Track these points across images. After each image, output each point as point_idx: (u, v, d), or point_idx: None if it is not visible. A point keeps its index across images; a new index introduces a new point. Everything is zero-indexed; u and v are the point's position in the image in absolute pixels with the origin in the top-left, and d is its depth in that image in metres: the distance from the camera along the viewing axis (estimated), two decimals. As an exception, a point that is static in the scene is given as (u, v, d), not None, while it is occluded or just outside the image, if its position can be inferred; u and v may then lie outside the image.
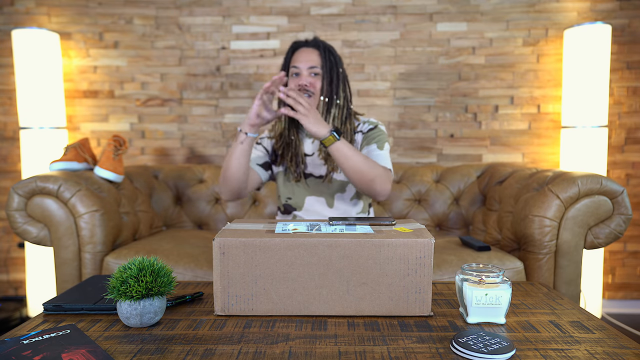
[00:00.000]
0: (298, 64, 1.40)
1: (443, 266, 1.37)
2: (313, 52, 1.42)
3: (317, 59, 1.41)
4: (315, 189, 1.46)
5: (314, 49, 1.42)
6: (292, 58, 1.43)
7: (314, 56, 1.41)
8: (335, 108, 1.42)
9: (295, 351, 0.71)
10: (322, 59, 1.41)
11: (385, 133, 1.48)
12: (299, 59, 1.41)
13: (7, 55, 2.21)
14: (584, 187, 1.37)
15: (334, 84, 1.42)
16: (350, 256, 0.83)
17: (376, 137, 1.45)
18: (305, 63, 1.40)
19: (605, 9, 2.13)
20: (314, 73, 1.40)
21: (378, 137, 1.45)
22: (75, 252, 1.47)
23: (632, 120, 2.17)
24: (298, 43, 1.46)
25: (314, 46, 1.43)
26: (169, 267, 1.36)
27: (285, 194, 1.49)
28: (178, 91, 2.23)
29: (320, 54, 1.41)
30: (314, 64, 1.40)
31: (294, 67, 1.41)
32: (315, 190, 1.46)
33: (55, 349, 0.68)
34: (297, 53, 1.43)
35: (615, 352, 0.71)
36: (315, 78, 1.40)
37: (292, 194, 1.48)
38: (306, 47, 1.44)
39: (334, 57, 1.43)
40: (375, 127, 1.48)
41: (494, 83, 2.19)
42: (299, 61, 1.41)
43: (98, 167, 1.62)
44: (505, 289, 0.81)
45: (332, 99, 1.42)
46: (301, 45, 1.45)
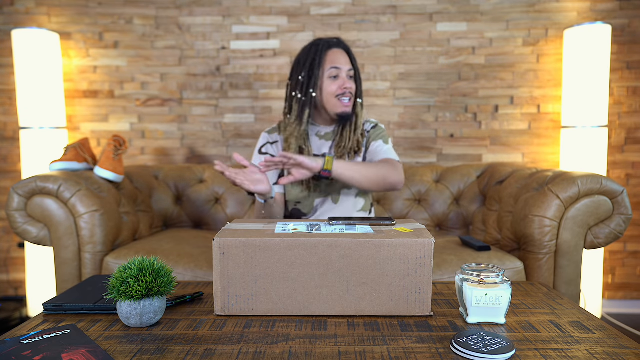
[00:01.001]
0: (339, 65, 1.38)
1: (443, 266, 1.37)
2: (345, 55, 1.41)
3: (349, 62, 1.41)
4: (323, 190, 1.44)
5: (345, 51, 1.41)
6: (327, 58, 1.39)
7: (347, 59, 1.41)
8: (361, 109, 1.46)
9: (295, 351, 0.71)
10: (351, 61, 1.42)
11: (384, 130, 1.51)
12: (337, 60, 1.39)
13: (7, 55, 2.21)
14: (584, 187, 1.37)
15: (360, 86, 1.45)
16: (350, 256, 0.83)
17: (380, 133, 1.48)
18: (345, 65, 1.39)
19: (605, 9, 2.13)
20: (350, 76, 1.41)
21: (381, 133, 1.48)
22: (75, 252, 1.47)
23: (632, 120, 2.17)
24: (331, 43, 1.41)
25: (345, 49, 1.42)
26: (169, 267, 1.36)
27: (294, 199, 1.46)
28: (178, 91, 2.23)
29: (351, 57, 1.42)
30: (350, 67, 1.40)
31: (334, 68, 1.38)
32: (323, 191, 1.44)
33: (55, 349, 0.68)
34: (332, 54, 1.39)
35: (615, 352, 0.71)
36: (351, 81, 1.41)
37: (300, 198, 1.45)
38: (339, 48, 1.41)
39: (355, 61, 1.44)
40: (376, 125, 1.50)
41: (494, 83, 2.19)
42: (339, 62, 1.38)
43: (98, 167, 1.62)
44: (505, 289, 0.81)
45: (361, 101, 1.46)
46: (334, 46, 1.41)
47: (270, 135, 1.51)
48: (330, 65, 1.38)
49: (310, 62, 1.39)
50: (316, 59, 1.38)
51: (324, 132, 1.47)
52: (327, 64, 1.38)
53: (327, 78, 1.39)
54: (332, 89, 1.38)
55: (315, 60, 1.38)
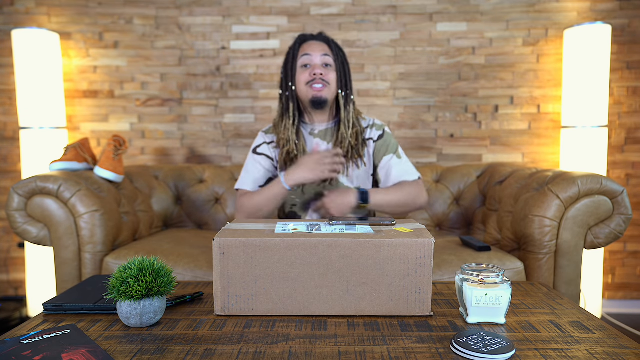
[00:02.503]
0: (310, 51, 1.35)
1: (443, 266, 1.37)
2: (323, 45, 1.37)
3: (329, 50, 1.37)
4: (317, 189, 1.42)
5: (323, 42, 1.38)
6: (300, 49, 1.38)
7: (325, 48, 1.37)
8: (352, 104, 1.40)
9: (295, 351, 0.71)
10: (332, 52, 1.37)
11: (392, 135, 1.46)
12: (309, 48, 1.36)
13: (7, 55, 2.21)
14: (584, 187, 1.37)
15: (347, 77, 1.38)
16: (350, 256, 0.83)
17: (390, 144, 1.43)
18: (318, 52, 1.35)
19: (605, 9, 2.13)
20: (326, 64, 1.36)
21: (390, 144, 1.43)
22: (75, 252, 1.47)
23: (632, 120, 2.17)
24: (305, 36, 1.40)
25: (324, 40, 1.39)
26: (169, 267, 1.36)
27: (290, 202, 1.44)
28: (178, 91, 2.23)
29: (331, 48, 1.38)
30: (326, 52, 1.36)
31: (305, 56, 1.35)
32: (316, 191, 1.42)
33: (55, 349, 0.68)
34: (306, 44, 1.38)
35: (615, 352, 0.71)
36: (328, 69, 1.36)
37: (295, 201, 1.43)
38: (315, 40, 1.39)
39: (342, 53, 1.40)
40: (384, 132, 1.45)
41: (494, 83, 2.19)
42: (310, 50, 1.35)
43: (98, 167, 1.62)
44: (505, 289, 0.81)
45: (347, 93, 1.39)
46: (309, 38, 1.40)
47: (267, 135, 1.48)
48: (302, 53, 1.36)
49: (287, 57, 1.39)
50: (291, 52, 1.38)
51: (317, 130, 1.43)
52: (301, 52, 1.37)
53: (300, 67, 1.37)
54: (304, 77, 1.36)
55: (290, 54, 1.38)
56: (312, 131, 1.43)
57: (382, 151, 1.42)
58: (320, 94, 1.35)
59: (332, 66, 1.37)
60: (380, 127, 1.45)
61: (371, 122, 1.46)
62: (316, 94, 1.35)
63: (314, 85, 1.35)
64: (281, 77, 1.41)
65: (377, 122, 1.47)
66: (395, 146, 1.44)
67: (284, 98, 1.40)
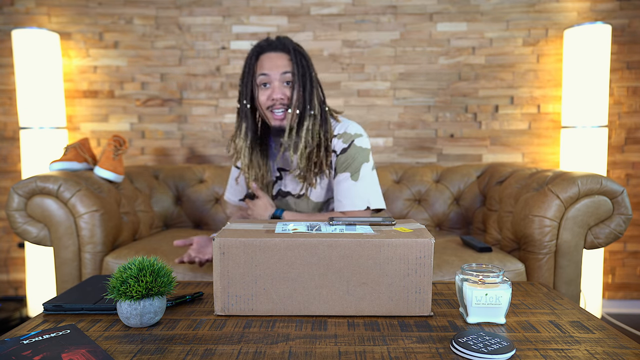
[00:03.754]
0: (268, 70, 1.22)
1: (444, 267, 1.37)
2: (282, 57, 1.24)
3: (289, 65, 1.23)
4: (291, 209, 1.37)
5: (283, 52, 1.24)
6: (259, 64, 1.25)
7: (284, 61, 1.23)
8: (309, 120, 1.24)
9: (295, 351, 0.71)
10: (294, 64, 1.23)
11: (362, 149, 1.28)
12: (267, 64, 1.23)
13: (7, 55, 2.21)
14: (584, 187, 1.37)
15: (307, 91, 1.24)
16: (350, 256, 0.83)
17: (351, 161, 1.27)
18: (276, 69, 1.22)
19: (605, 9, 2.13)
20: (287, 81, 1.24)
21: (353, 160, 1.27)
22: (75, 252, 1.47)
23: (632, 120, 2.17)
24: (262, 46, 1.26)
25: (282, 49, 1.24)
26: (169, 267, 1.36)
27: None
28: (178, 91, 2.23)
29: (291, 59, 1.23)
30: (286, 69, 1.23)
31: (262, 75, 1.23)
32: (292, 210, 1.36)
33: (55, 349, 0.68)
34: (264, 58, 1.24)
35: (615, 352, 0.71)
36: (287, 88, 1.24)
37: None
38: (273, 51, 1.24)
39: (305, 60, 1.25)
40: (350, 144, 1.27)
41: (494, 83, 2.19)
42: (268, 67, 1.23)
43: (98, 167, 1.62)
44: (505, 289, 0.81)
45: (304, 110, 1.24)
46: (266, 49, 1.25)
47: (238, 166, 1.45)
48: (259, 71, 1.24)
49: (244, 69, 1.27)
50: (247, 66, 1.26)
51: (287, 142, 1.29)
52: (258, 70, 1.25)
53: (259, 86, 1.25)
54: (262, 99, 1.25)
55: (246, 68, 1.26)
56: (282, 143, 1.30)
57: (340, 167, 1.28)
58: (281, 123, 1.26)
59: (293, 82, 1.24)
60: (349, 138, 1.28)
61: (342, 130, 1.30)
62: (277, 124, 1.26)
63: (274, 111, 1.25)
64: (240, 89, 1.29)
65: (349, 130, 1.30)
66: (358, 164, 1.27)
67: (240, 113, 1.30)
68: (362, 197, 1.26)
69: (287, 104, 1.25)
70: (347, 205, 1.26)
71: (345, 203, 1.26)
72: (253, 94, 1.27)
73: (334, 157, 1.30)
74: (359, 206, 1.26)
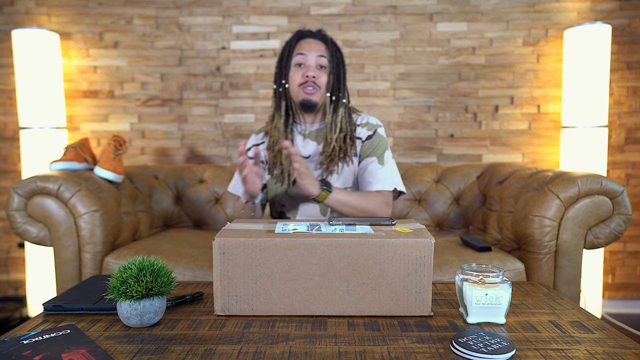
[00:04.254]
0: (305, 51, 1.32)
1: (444, 267, 1.37)
2: (320, 44, 1.34)
3: (325, 52, 1.34)
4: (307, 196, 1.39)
5: (321, 41, 1.35)
6: (297, 46, 1.35)
7: (322, 48, 1.34)
8: (343, 108, 1.36)
9: (295, 351, 0.71)
10: (329, 52, 1.34)
11: (384, 138, 1.40)
12: (305, 47, 1.33)
13: (7, 55, 2.21)
14: (584, 187, 1.37)
15: (340, 80, 1.35)
16: (350, 256, 0.83)
17: (375, 146, 1.37)
18: (314, 52, 1.32)
19: (605, 9, 2.13)
20: (321, 65, 1.33)
21: (377, 146, 1.37)
22: (75, 252, 1.47)
23: (632, 120, 2.17)
24: (303, 32, 1.37)
25: (321, 39, 1.35)
26: (169, 267, 1.36)
27: (280, 201, 1.42)
28: (178, 91, 2.23)
29: (328, 48, 1.35)
30: (322, 53, 1.33)
31: (300, 55, 1.32)
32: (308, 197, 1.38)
33: (55, 349, 0.68)
34: (303, 42, 1.35)
35: (615, 352, 0.71)
36: (321, 71, 1.33)
37: (285, 201, 1.41)
38: (313, 38, 1.35)
39: (340, 54, 1.36)
40: (375, 132, 1.39)
41: (494, 83, 2.19)
42: (306, 49, 1.32)
43: (98, 167, 1.62)
44: (505, 289, 0.81)
45: (338, 97, 1.35)
46: (307, 35, 1.36)
47: (257, 135, 1.48)
48: (297, 51, 1.33)
49: (282, 53, 1.37)
50: (286, 49, 1.35)
51: (308, 130, 1.41)
52: (296, 51, 1.34)
53: (293, 66, 1.34)
54: (296, 77, 1.33)
55: (286, 50, 1.36)
56: (302, 131, 1.42)
57: (366, 152, 1.38)
58: (310, 97, 1.33)
59: (326, 68, 1.34)
60: (372, 127, 1.40)
61: (365, 120, 1.42)
62: (306, 97, 1.33)
63: (305, 88, 1.33)
64: (275, 71, 1.39)
65: (371, 121, 1.41)
66: (382, 150, 1.38)
67: (276, 94, 1.39)
68: (389, 179, 1.35)
69: (318, 84, 1.33)
70: (377, 185, 1.33)
71: (375, 184, 1.34)
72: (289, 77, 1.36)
73: (359, 144, 1.39)
74: (387, 187, 1.34)
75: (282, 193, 1.41)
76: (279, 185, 1.41)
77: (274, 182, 1.42)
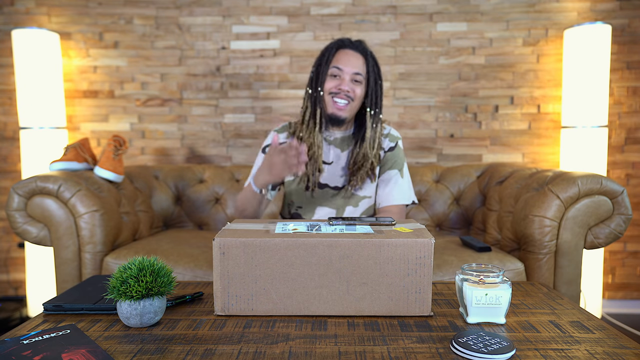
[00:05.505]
0: (342, 65, 1.32)
1: (444, 267, 1.37)
2: (359, 58, 1.34)
3: (363, 67, 1.34)
4: (327, 200, 1.39)
5: (361, 55, 1.34)
6: (336, 57, 1.34)
7: (360, 62, 1.33)
8: (379, 123, 1.38)
9: (295, 351, 0.71)
10: (367, 67, 1.34)
11: (402, 150, 1.45)
12: (343, 60, 1.33)
13: (7, 55, 2.21)
14: (584, 187, 1.37)
15: (378, 96, 1.36)
16: (350, 256, 0.83)
17: (398, 159, 1.41)
18: (351, 67, 1.32)
19: (605, 9, 2.13)
20: (356, 80, 1.33)
21: (399, 159, 1.41)
22: (75, 252, 1.47)
23: (632, 120, 2.17)
24: (344, 42, 1.36)
25: (362, 52, 1.35)
26: (169, 267, 1.36)
27: (296, 202, 1.42)
28: (178, 91, 2.23)
29: (366, 62, 1.34)
30: (359, 71, 1.32)
31: (336, 68, 1.33)
32: (327, 201, 1.39)
33: (55, 349, 0.68)
34: (342, 53, 1.34)
35: (615, 352, 0.71)
36: (356, 85, 1.33)
37: (303, 203, 1.41)
38: (353, 50, 1.35)
39: (377, 68, 1.37)
40: (396, 145, 1.42)
41: (494, 83, 2.19)
42: (344, 63, 1.32)
43: (98, 167, 1.62)
44: (505, 289, 0.81)
45: (375, 112, 1.37)
46: (347, 46, 1.36)
47: (280, 134, 1.46)
48: (334, 64, 1.34)
49: (320, 58, 1.36)
50: (325, 55, 1.35)
51: (333, 137, 1.41)
52: (333, 62, 1.34)
53: (329, 76, 1.35)
54: (329, 85, 1.34)
55: (324, 57, 1.35)
56: (327, 137, 1.42)
57: (388, 164, 1.40)
58: (340, 112, 1.34)
59: (361, 83, 1.34)
60: (394, 139, 1.43)
61: (387, 131, 1.44)
62: (335, 112, 1.34)
63: (335, 99, 1.33)
64: (311, 76, 1.38)
65: (392, 132, 1.44)
66: (402, 162, 1.42)
67: (312, 99, 1.38)
68: (408, 192, 1.41)
69: (352, 97, 1.33)
70: (399, 199, 1.39)
71: (398, 197, 1.39)
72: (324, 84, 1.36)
73: (381, 153, 1.42)
74: (406, 200, 1.40)
75: (301, 194, 1.41)
76: (301, 187, 1.41)
77: (297, 183, 1.41)
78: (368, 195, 1.41)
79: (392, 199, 1.38)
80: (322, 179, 1.40)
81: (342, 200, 1.40)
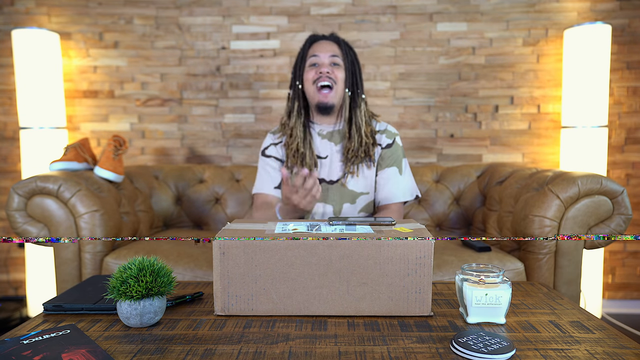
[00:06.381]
0: (318, 52, 1.36)
1: (443, 267, 1.37)
2: (333, 44, 1.38)
3: (338, 50, 1.37)
4: (324, 195, 1.39)
5: (333, 42, 1.39)
6: (310, 49, 1.38)
7: (334, 47, 1.37)
8: (362, 103, 1.39)
9: (295, 351, 0.71)
10: (342, 50, 1.37)
11: (401, 146, 1.44)
12: (318, 48, 1.37)
13: (7, 55, 2.21)
14: (584, 187, 1.37)
15: (355, 76, 1.38)
16: (350, 256, 0.83)
17: (397, 156, 1.41)
18: (326, 52, 1.35)
19: (605, 9, 2.13)
20: (335, 63, 1.36)
21: (398, 155, 1.41)
22: (75, 252, 1.47)
23: (632, 120, 2.17)
24: (316, 36, 1.41)
25: (334, 40, 1.39)
26: (169, 267, 1.36)
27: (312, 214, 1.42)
28: (178, 91, 2.23)
29: (340, 47, 1.38)
30: (335, 54, 1.36)
31: (313, 57, 1.36)
32: (324, 197, 1.39)
33: (55, 349, 0.68)
34: (316, 45, 1.39)
35: (615, 352, 0.71)
36: (335, 68, 1.35)
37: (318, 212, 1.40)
38: (325, 40, 1.40)
39: (353, 52, 1.39)
40: (394, 141, 1.42)
41: (494, 83, 2.19)
42: (319, 50, 1.36)
43: (98, 167, 1.62)
44: (505, 289, 0.81)
45: (357, 92, 1.38)
46: (319, 38, 1.40)
47: (274, 135, 1.48)
48: (310, 54, 1.37)
49: (297, 58, 1.41)
50: (300, 53, 1.39)
51: (325, 131, 1.42)
52: (309, 54, 1.38)
53: (307, 67, 1.37)
54: (310, 75, 1.36)
55: (300, 55, 1.39)
56: (320, 132, 1.43)
57: (386, 161, 1.40)
58: (326, 99, 1.35)
59: (340, 65, 1.36)
60: (391, 135, 1.43)
61: (383, 127, 1.44)
62: (322, 100, 1.35)
63: (320, 87, 1.34)
64: (291, 77, 1.43)
65: (390, 129, 1.44)
66: (400, 159, 1.42)
67: (291, 97, 1.42)
68: (409, 188, 1.41)
69: (333, 79, 1.34)
70: (400, 197, 1.39)
71: (398, 195, 1.39)
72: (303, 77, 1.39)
73: (378, 149, 1.42)
74: (408, 197, 1.40)
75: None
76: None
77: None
78: (365, 191, 1.40)
79: (392, 196, 1.39)
80: (318, 173, 1.40)
81: (337, 195, 1.39)
